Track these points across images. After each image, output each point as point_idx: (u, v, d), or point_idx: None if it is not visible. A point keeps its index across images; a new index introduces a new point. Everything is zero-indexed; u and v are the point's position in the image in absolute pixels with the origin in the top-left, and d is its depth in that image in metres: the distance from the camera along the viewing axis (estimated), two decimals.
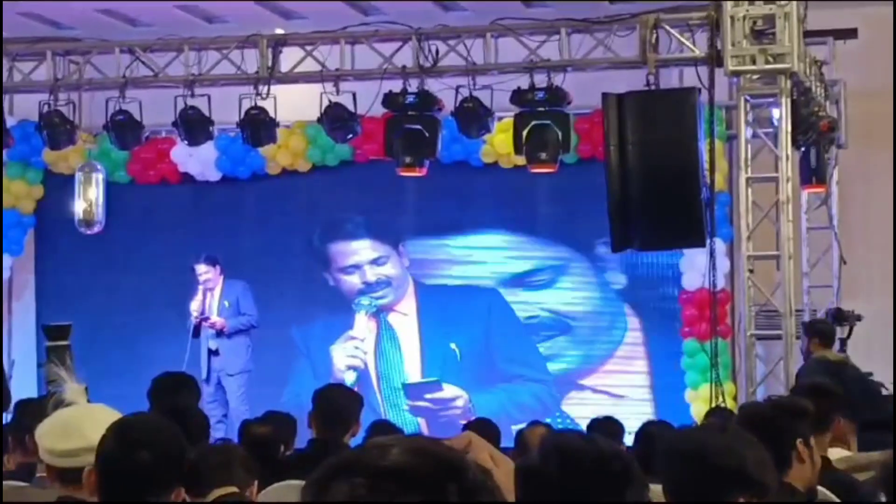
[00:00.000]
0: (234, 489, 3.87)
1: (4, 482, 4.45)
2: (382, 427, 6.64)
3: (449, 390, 11.07)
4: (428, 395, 11.06)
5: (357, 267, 11.48)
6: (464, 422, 8.50)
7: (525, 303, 11.29)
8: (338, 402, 5.57)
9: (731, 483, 2.66)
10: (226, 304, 10.46)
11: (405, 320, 11.45)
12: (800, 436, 3.52)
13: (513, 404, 10.76)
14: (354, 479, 1.31)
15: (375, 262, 11.46)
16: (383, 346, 11.44)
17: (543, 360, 11.19)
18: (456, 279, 11.46)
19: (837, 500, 4.09)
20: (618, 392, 11.09)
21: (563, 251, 11.26)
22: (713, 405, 8.81)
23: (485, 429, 6.09)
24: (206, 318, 10.35)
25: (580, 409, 10.73)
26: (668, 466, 2.77)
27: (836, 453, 4.92)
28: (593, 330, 11.19)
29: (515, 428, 7.03)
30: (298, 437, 6.36)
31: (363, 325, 11.27)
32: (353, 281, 11.46)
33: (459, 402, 10.94)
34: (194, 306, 10.47)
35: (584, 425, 7.31)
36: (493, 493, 1.35)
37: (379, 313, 11.43)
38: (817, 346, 8.27)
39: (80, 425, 3.17)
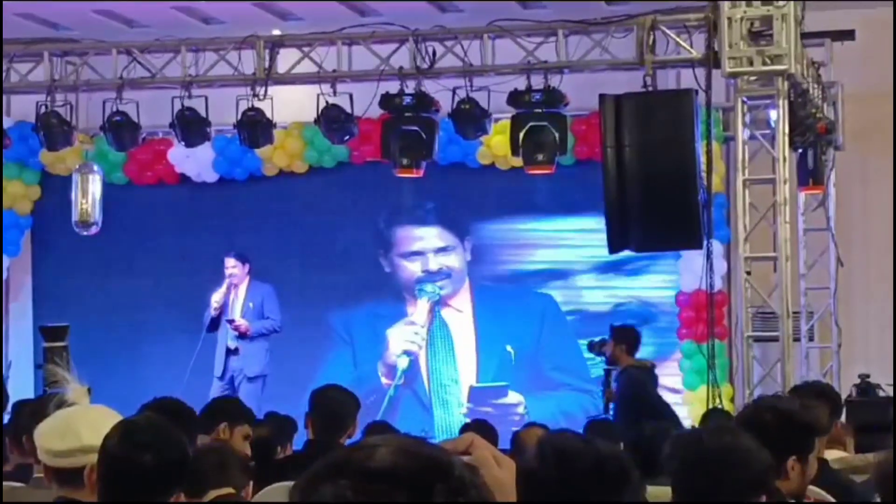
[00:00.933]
0: (230, 490, 3.87)
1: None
2: (379, 429, 6.64)
3: (512, 395, 11.04)
4: (493, 400, 10.98)
5: (421, 254, 11.43)
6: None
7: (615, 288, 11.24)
8: (335, 404, 5.56)
9: (754, 487, 2.66)
10: (250, 304, 10.44)
11: (460, 317, 11.41)
12: (796, 453, 3.50)
13: (561, 413, 10.71)
14: (340, 481, 1.30)
15: (442, 250, 11.41)
16: (435, 341, 11.40)
17: (588, 369, 11.16)
18: (538, 263, 11.32)
19: (833, 500, 4.09)
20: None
21: None
22: (710, 407, 8.81)
23: (482, 430, 6.09)
24: (232, 321, 10.31)
25: None
26: (685, 471, 2.74)
27: (833, 455, 4.93)
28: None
29: None
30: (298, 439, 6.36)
31: (424, 312, 11.24)
32: (413, 268, 11.41)
33: (520, 409, 10.89)
34: (216, 297, 10.42)
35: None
36: (480, 491, 1.34)
37: (434, 306, 11.41)
38: (623, 352, 8.47)
39: (76, 426, 3.17)
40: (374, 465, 1.31)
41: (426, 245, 11.43)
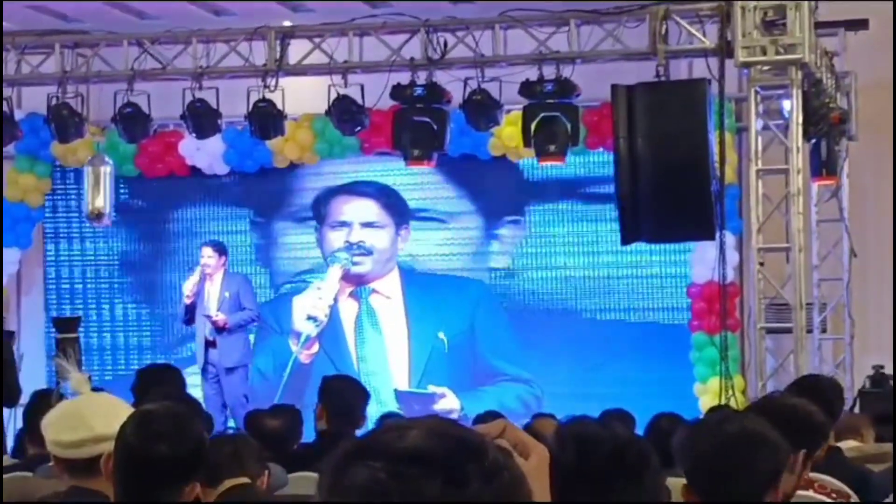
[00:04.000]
0: (245, 480, 3.87)
1: (13, 473, 4.44)
2: (392, 419, 6.63)
3: (444, 402, 10.81)
4: (419, 406, 10.75)
5: (347, 224, 11.27)
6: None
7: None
8: (345, 396, 5.58)
9: (775, 477, 2.64)
10: (226, 294, 10.38)
11: (388, 304, 11.28)
12: (807, 448, 3.47)
13: (502, 409, 10.59)
14: (373, 464, 1.29)
15: (368, 224, 11.25)
16: (363, 328, 11.26)
17: (526, 357, 11.10)
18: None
19: (846, 488, 4.06)
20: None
21: None
22: (722, 399, 8.79)
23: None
24: (209, 316, 10.27)
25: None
26: (703, 459, 2.69)
27: (848, 445, 4.91)
28: None
29: None
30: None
31: (334, 279, 11.00)
32: (336, 238, 11.23)
33: (454, 416, 10.56)
34: (188, 286, 10.30)
35: None
36: (513, 473, 1.33)
37: (360, 292, 11.26)
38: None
39: (84, 416, 3.17)
40: (406, 446, 1.30)
41: (354, 217, 11.29)
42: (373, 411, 10.68)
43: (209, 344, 10.30)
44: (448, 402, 10.83)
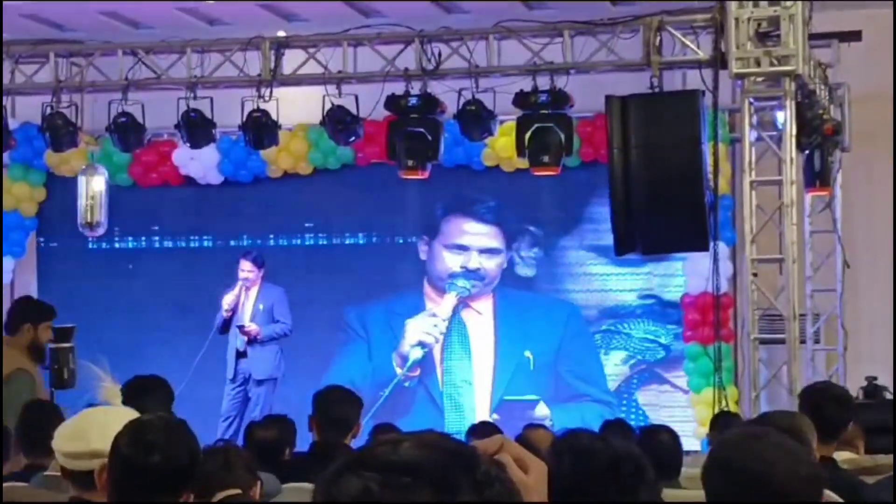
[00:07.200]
0: (237, 491, 3.87)
1: (4, 483, 4.43)
2: (385, 430, 6.62)
3: (540, 408, 10.90)
4: (517, 412, 10.79)
5: (465, 249, 11.26)
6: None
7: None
8: (338, 405, 5.57)
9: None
10: (260, 307, 10.45)
11: (479, 319, 11.30)
12: None
13: (582, 423, 10.55)
14: (366, 474, 1.30)
15: (486, 251, 11.26)
16: (452, 341, 11.28)
17: (607, 380, 11.09)
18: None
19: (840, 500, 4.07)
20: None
21: None
22: (716, 409, 8.79)
23: (489, 433, 6.07)
24: (242, 326, 10.32)
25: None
26: (729, 483, 2.65)
27: (843, 456, 4.92)
28: None
29: None
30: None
31: (449, 306, 11.10)
32: (452, 261, 11.24)
33: (547, 423, 10.57)
34: (228, 300, 10.43)
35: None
36: (506, 485, 1.34)
37: (455, 307, 11.29)
38: None
39: (89, 430, 3.19)
40: (399, 458, 1.32)
41: (474, 242, 11.29)
42: (451, 424, 10.77)
43: (240, 355, 10.40)
44: (542, 409, 10.92)
